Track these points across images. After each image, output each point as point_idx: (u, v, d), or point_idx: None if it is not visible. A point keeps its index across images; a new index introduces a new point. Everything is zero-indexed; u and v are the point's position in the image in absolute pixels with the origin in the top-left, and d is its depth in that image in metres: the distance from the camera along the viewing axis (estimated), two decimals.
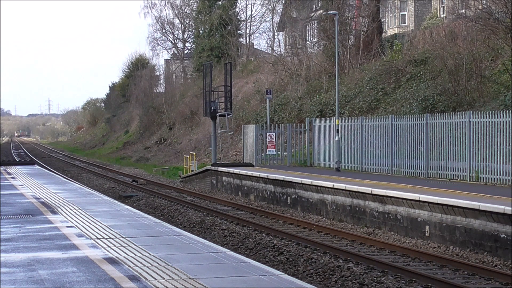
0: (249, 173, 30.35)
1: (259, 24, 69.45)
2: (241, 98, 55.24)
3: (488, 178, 23.14)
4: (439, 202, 18.24)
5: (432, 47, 36.91)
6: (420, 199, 18.96)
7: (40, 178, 28.25)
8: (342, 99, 37.87)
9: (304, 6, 56.85)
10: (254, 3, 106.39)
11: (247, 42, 70.24)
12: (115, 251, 11.15)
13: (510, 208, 15.94)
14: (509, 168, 22.22)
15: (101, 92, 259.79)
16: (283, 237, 20.50)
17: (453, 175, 24.79)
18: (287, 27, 58.95)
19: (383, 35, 45.88)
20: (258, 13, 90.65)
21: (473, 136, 23.83)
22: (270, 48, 65.49)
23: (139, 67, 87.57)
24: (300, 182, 25.70)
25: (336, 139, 30.70)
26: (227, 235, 20.91)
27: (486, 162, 23.29)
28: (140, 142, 75.12)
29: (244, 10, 73.41)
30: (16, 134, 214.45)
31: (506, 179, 22.34)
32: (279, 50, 62.56)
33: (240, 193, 31.53)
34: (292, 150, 35.14)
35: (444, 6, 45.75)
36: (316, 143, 33.93)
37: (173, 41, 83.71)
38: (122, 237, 12.52)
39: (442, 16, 45.53)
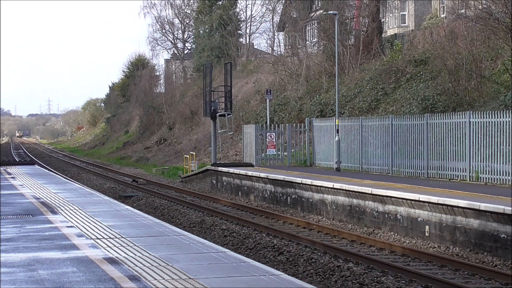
0: (249, 173, 30.34)
1: (259, 24, 69.57)
2: (241, 98, 55.25)
3: (488, 178, 23.13)
4: (439, 202, 18.23)
5: (432, 47, 36.92)
6: (420, 199, 18.95)
7: (40, 178, 28.25)
8: (342, 99, 37.88)
9: (304, 6, 56.86)
10: (254, 3, 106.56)
11: (247, 42, 70.28)
12: (115, 251, 11.15)
13: (510, 208, 15.94)
14: (509, 168, 22.21)
15: (101, 92, 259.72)
16: (283, 237, 20.50)
17: (453, 175, 24.79)
18: (287, 27, 58.95)
19: (383, 35, 45.90)
20: (258, 13, 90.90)
21: (473, 136, 23.82)
22: (270, 48, 65.55)
23: (139, 67, 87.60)
24: (300, 182, 25.70)
25: (336, 139, 30.70)
26: (227, 235, 20.91)
27: (486, 162, 23.28)
28: (140, 142, 75.13)
29: (244, 10, 73.55)
30: (17, 134, 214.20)
31: (506, 179, 22.34)
32: (279, 50, 62.64)
33: (240, 193, 31.54)
34: (292, 150, 35.14)
35: (444, 6, 45.75)
36: (316, 143, 33.93)
37: (173, 41, 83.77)
38: (122, 237, 12.52)
39: (442, 16, 45.53)
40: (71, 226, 13.96)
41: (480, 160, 23.54)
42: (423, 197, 18.86)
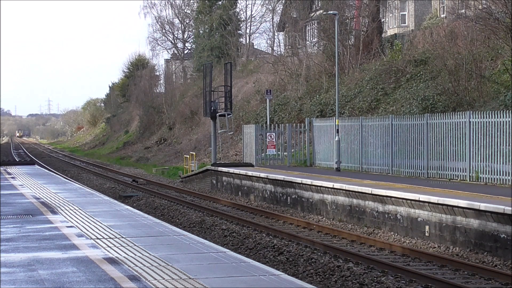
0: (249, 173, 30.34)
1: (259, 24, 69.58)
2: (241, 98, 55.25)
3: (488, 178, 23.13)
4: (439, 202, 18.24)
5: (432, 47, 36.92)
6: (420, 199, 18.95)
7: (40, 178, 28.25)
8: (342, 99, 37.88)
9: (304, 6, 56.86)
10: (254, 3, 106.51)
11: (247, 42, 70.29)
12: (115, 251, 11.15)
13: (510, 208, 15.94)
14: (509, 168, 22.21)
15: (101, 92, 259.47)
16: (283, 237, 20.50)
17: (453, 175, 24.79)
18: (287, 27, 58.95)
19: (383, 35, 45.89)
20: (258, 13, 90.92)
21: (473, 136, 23.83)
22: (270, 48, 65.55)
23: (139, 67, 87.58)
24: (300, 182, 25.70)
25: (336, 139, 30.70)
26: (227, 235, 20.91)
27: (486, 162, 23.28)
28: (140, 142, 75.14)
29: (244, 10, 73.44)
30: (17, 134, 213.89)
31: (506, 179, 22.34)
32: (279, 50, 62.64)
33: (240, 193, 31.54)
34: (292, 150, 35.14)
35: (444, 6, 45.75)
36: (316, 143, 33.93)
37: (173, 41, 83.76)
38: (122, 237, 12.52)
39: (442, 16, 45.53)
40: (71, 226, 13.96)
41: (480, 160, 23.54)
42: (423, 197, 18.86)
